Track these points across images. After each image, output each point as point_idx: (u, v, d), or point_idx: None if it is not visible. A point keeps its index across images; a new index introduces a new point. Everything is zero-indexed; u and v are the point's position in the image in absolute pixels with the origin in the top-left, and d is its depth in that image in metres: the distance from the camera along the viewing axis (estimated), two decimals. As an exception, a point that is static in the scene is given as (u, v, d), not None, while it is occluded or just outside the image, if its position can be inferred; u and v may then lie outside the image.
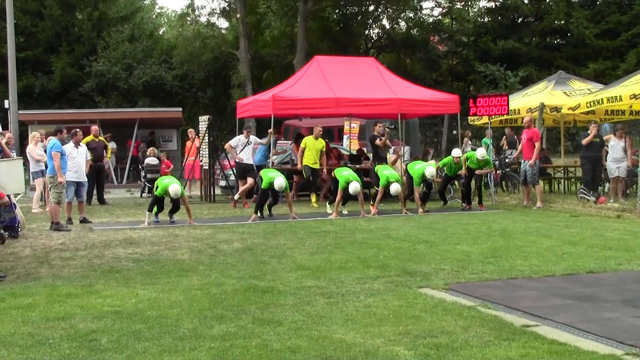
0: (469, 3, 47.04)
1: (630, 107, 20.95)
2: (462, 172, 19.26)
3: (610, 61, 39.48)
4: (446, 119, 27.18)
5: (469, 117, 24.43)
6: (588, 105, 21.03)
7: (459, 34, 47.24)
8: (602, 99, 20.41)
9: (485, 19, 47.68)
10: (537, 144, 19.83)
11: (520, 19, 46.51)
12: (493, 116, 22.45)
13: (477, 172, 19.30)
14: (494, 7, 47.21)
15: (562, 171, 25.13)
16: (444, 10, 48.00)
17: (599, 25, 41.60)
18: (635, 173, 18.79)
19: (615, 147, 19.64)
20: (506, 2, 46.23)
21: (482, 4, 47.78)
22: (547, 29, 44.39)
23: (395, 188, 17.51)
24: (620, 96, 19.63)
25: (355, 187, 16.99)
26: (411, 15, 47.77)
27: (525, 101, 24.51)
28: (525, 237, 13.52)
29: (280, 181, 16.47)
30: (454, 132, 24.74)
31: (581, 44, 41.60)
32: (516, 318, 7.59)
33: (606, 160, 20.07)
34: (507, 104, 21.75)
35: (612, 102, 20.26)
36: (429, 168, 18.45)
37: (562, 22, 43.60)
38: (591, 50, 40.91)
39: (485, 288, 9.14)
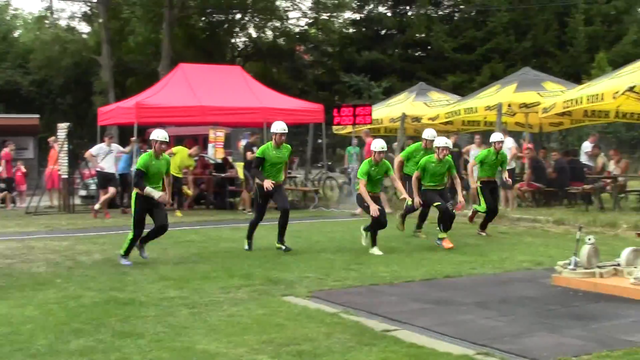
0: (335, 14, 47.54)
1: (485, 118, 21.71)
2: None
3: (467, 74, 40.73)
4: (311, 128, 27.45)
5: (334, 127, 24.75)
6: (446, 116, 21.71)
7: (325, 44, 47.74)
8: (459, 110, 21.12)
9: (350, 30, 48.29)
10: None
11: (383, 31, 47.40)
12: (357, 125, 22.85)
13: None
14: (358, 19, 47.94)
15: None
16: (310, 21, 48.36)
17: (457, 39, 42.84)
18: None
19: (474, 156, 20.36)
20: (370, 15, 47.07)
21: (347, 15, 48.25)
22: (409, 42, 45.36)
23: None
24: (476, 108, 20.36)
25: None
26: (277, 24, 47.91)
27: (387, 111, 25.05)
28: (387, 244, 13.69)
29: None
30: (319, 141, 24.95)
31: (441, 57, 42.73)
32: (377, 323, 7.72)
33: (465, 170, 20.76)
34: (370, 114, 22.21)
35: (469, 114, 20.99)
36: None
37: (423, 35, 44.62)
38: (450, 63, 42.06)
39: (347, 295, 9.27)
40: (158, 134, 11.71)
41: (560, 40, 41.66)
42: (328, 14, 47.23)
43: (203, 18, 46.56)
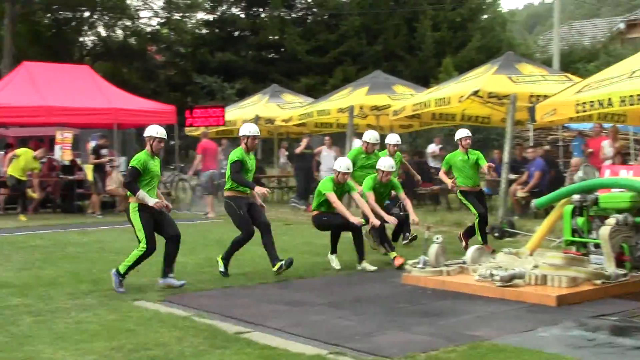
0: (187, 15, 47.06)
1: (337, 120, 21.97)
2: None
3: (320, 76, 41.10)
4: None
5: (186, 128, 24.48)
6: (299, 117, 21.85)
7: (177, 44, 47.18)
8: (312, 112, 21.28)
9: (203, 31, 47.91)
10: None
11: (237, 33, 47.19)
12: (210, 127, 22.68)
13: None
14: (211, 20, 47.61)
15: (276, 181, 25.83)
16: (162, 21, 47.65)
17: (310, 42, 43.21)
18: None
19: (327, 157, 20.66)
20: (224, 16, 46.81)
21: (200, 16, 47.82)
22: (263, 44, 45.36)
23: None
24: (329, 110, 20.58)
25: None
26: (128, 23, 46.98)
27: (241, 113, 24.98)
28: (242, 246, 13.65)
29: None
30: (172, 142, 24.60)
31: (294, 59, 42.97)
32: (230, 326, 7.69)
33: (317, 171, 20.99)
34: (223, 116, 22.10)
35: (321, 116, 21.19)
36: None
37: (277, 37, 44.77)
38: (303, 66, 42.36)
39: (200, 298, 9.20)
40: (157, 130, 10.17)
41: (410, 45, 42.68)
42: (180, 14, 46.67)
43: (49, 15, 45.06)
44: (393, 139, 13.66)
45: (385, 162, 11.95)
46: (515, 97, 15.63)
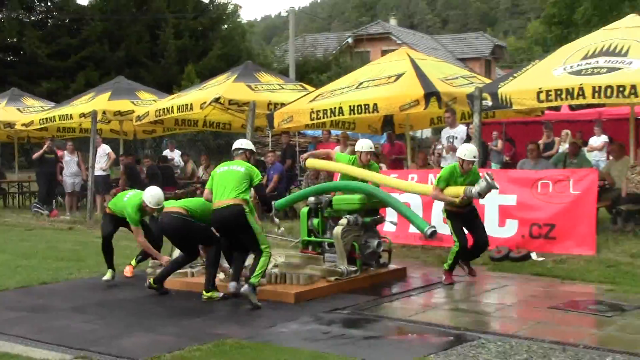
0: None
1: (80, 125, 21.31)
2: None
3: (62, 81, 39.73)
4: None
5: None
6: (41, 122, 20.98)
7: None
8: (54, 117, 20.51)
9: None
10: None
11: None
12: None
13: None
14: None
15: (17, 186, 24.64)
16: None
17: (51, 46, 41.63)
18: (86, 187, 19.17)
19: (69, 162, 20.06)
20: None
21: None
22: (1, 46, 43.15)
23: None
24: (71, 114, 19.93)
25: None
26: None
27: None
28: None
29: None
30: None
31: (34, 63, 41.17)
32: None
33: (61, 175, 20.30)
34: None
35: (64, 120, 20.50)
36: None
37: (15, 40, 42.74)
38: (44, 69, 40.68)
39: None
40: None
41: (153, 52, 42.29)
42: None
43: None
44: (366, 145, 11.12)
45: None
46: (254, 104, 15.88)
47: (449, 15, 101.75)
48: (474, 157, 9.71)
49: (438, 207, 11.02)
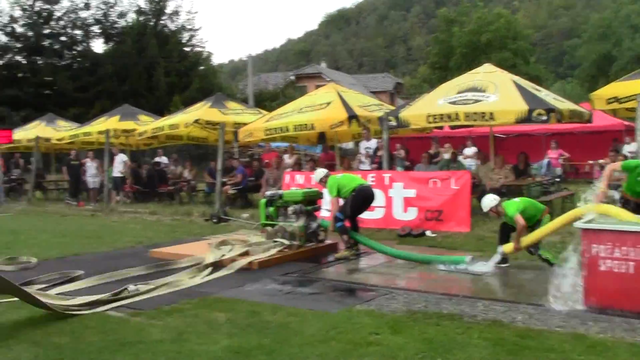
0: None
1: (97, 139, 20.70)
2: None
3: (84, 108, 38.02)
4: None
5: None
6: (70, 137, 20.77)
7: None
8: (78, 134, 20.26)
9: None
10: None
11: (20, 74, 42.27)
12: (1, 144, 21.27)
13: None
14: (1, 64, 42.53)
15: (53, 184, 24.09)
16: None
17: (76, 82, 40.70)
18: (103, 185, 18.81)
19: (90, 167, 19.90)
20: (10, 62, 42.02)
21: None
22: (40, 83, 41.41)
23: None
24: (90, 132, 19.78)
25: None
26: None
27: (25, 134, 23.19)
28: (29, 233, 12.60)
29: None
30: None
31: (64, 95, 39.63)
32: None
33: (85, 176, 20.06)
34: (11, 136, 20.97)
35: (86, 136, 20.36)
36: None
37: (51, 78, 41.24)
38: (71, 99, 39.28)
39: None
40: None
41: (149, 86, 41.56)
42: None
43: None
44: (316, 176, 10.18)
45: None
46: (224, 124, 15.75)
47: (363, 60, 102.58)
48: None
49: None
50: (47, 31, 42.94)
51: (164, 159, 22.38)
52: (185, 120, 17.04)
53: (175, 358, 4.87)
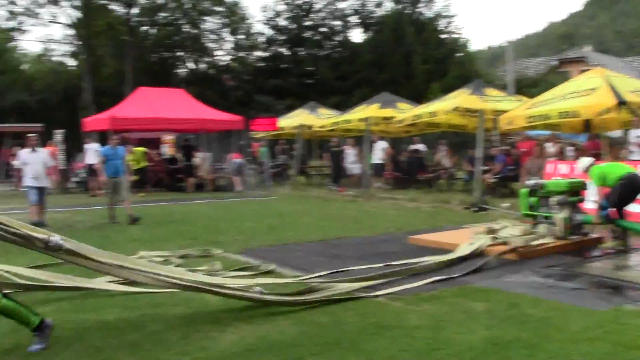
0: (249, 53, 47.01)
1: (357, 127, 21.85)
2: None
3: (344, 96, 40.03)
4: (235, 133, 27.12)
5: (251, 132, 24.59)
6: (331, 125, 21.95)
7: (243, 73, 47.12)
8: (339, 122, 21.31)
9: (261, 64, 47.81)
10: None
11: (284, 65, 46.95)
12: (267, 132, 22.90)
13: None
14: (266, 56, 47.45)
15: (315, 170, 25.84)
16: (232, 57, 47.66)
17: (336, 71, 43.04)
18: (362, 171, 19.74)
19: (349, 154, 20.83)
20: (275, 53, 46.73)
21: (258, 54, 47.64)
22: (302, 72, 45.24)
23: None
24: (351, 119, 20.67)
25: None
26: (209, 59, 47.09)
27: (289, 122, 25.03)
28: (292, 216, 13.64)
29: None
30: (241, 142, 24.55)
31: (325, 84, 42.46)
32: (289, 271, 7.68)
33: (344, 162, 21.11)
34: (276, 123, 22.27)
35: (346, 124, 21.28)
36: None
37: (313, 68, 44.65)
38: (331, 88, 41.67)
39: (266, 251, 9.16)
40: None
41: (407, 74, 42.34)
42: (245, 52, 46.78)
43: (155, 54, 45.31)
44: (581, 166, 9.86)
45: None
46: (483, 111, 15.52)
47: (634, 41, 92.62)
48: None
49: None
50: (307, 23, 46.07)
51: (420, 146, 22.77)
52: (445, 107, 17.12)
53: (432, 345, 4.93)
